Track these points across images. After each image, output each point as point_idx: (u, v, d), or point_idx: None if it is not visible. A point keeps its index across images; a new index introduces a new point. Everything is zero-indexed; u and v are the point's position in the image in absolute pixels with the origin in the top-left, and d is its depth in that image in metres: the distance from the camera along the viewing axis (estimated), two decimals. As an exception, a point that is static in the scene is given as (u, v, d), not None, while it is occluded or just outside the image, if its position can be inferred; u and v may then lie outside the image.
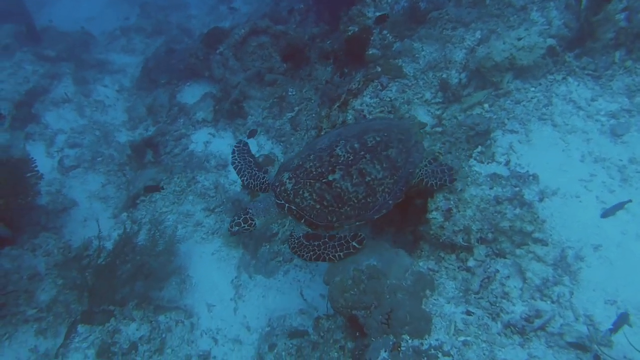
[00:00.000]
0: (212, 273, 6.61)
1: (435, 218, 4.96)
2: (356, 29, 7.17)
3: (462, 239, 4.81)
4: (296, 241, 4.46)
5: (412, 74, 6.16)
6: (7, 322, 5.81)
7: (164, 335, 5.76)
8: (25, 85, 10.03)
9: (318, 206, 4.29)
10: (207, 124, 8.65)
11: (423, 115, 5.80)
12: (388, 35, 6.82)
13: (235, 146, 5.07)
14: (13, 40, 10.96)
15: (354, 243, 4.39)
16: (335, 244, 4.41)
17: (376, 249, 5.46)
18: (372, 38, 6.93)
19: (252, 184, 4.81)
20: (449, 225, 4.87)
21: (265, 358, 5.66)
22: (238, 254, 6.79)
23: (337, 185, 4.23)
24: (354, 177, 4.25)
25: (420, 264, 5.34)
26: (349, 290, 5.09)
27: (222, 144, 8.35)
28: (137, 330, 5.69)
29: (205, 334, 6.06)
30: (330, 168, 4.25)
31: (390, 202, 4.43)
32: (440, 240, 5.00)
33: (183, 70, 9.53)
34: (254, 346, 5.95)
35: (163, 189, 7.23)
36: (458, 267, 4.92)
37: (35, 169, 7.15)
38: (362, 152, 4.31)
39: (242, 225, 4.50)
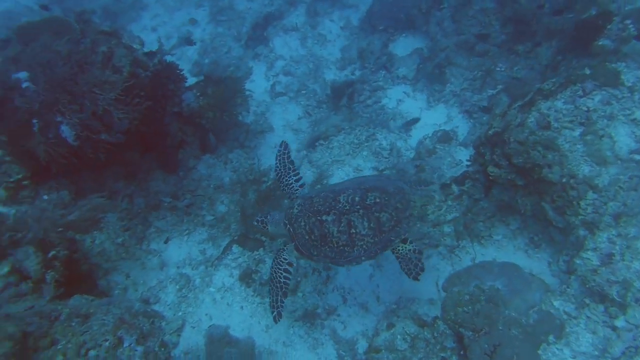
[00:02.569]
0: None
1: (589, 259, 4.37)
2: (593, 12, 6.12)
3: (617, 293, 4.18)
4: (277, 259, 5.11)
5: (629, 85, 5.10)
6: (191, 220, 6.89)
7: (299, 279, 6.21)
8: (269, 7, 11.18)
9: (307, 237, 4.84)
10: (406, 81, 8.57)
11: (624, 136, 4.88)
12: (630, 26, 5.67)
13: (278, 151, 5.52)
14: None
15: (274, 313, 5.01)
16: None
17: (508, 271, 5.08)
18: (608, 26, 5.85)
19: (286, 192, 5.40)
20: (605, 272, 4.26)
21: (381, 334, 5.75)
22: (392, 221, 6.88)
23: (326, 226, 4.71)
24: (342, 224, 4.69)
25: (556, 303, 4.81)
26: (463, 305, 4.91)
27: (414, 106, 8.24)
28: None
29: (337, 290, 6.29)
30: (327, 209, 4.72)
31: (363, 258, 4.79)
32: (587, 286, 4.40)
33: (403, 20, 9.41)
34: (377, 318, 6.00)
35: None
36: (603, 322, 4.33)
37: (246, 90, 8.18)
38: (358, 207, 4.68)
39: (258, 224, 5.32)
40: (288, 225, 4.97)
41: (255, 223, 5.35)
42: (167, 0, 12.58)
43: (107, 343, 3.69)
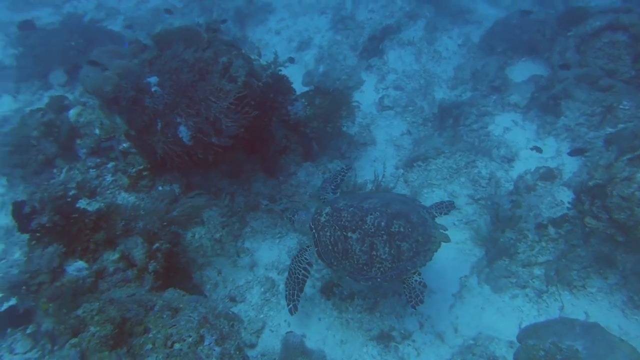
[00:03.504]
0: (446, 261, 6.71)
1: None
2: None
3: None
4: (299, 257, 5.67)
5: None
6: (284, 224, 7.13)
7: (378, 299, 6.24)
8: (389, 19, 11.23)
9: (330, 247, 5.31)
10: (516, 109, 8.21)
11: None
12: None
13: (342, 169, 6.36)
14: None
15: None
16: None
17: (591, 332, 4.76)
18: None
19: (319, 194, 6.10)
20: None
21: (456, 370, 5.68)
22: (479, 254, 6.69)
23: (350, 243, 5.14)
24: (365, 245, 5.10)
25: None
26: (537, 362, 4.68)
27: (521, 136, 7.87)
28: None
29: (415, 315, 6.23)
30: (354, 227, 5.13)
31: (379, 280, 5.21)
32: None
33: (524, 44, 8.99)
34: (452, 351, 5.91)
35: None
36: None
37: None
38: (383, 232, 5.06)
39: (287, 219, 5.94)
40: (314, 231, 5.46)
41: (285, 218, 6.05)
42: (293, 5, 13.12)
43: (190, 339, 4.02)
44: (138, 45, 6.95)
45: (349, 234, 5.14)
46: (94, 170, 7.15)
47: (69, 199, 4.74)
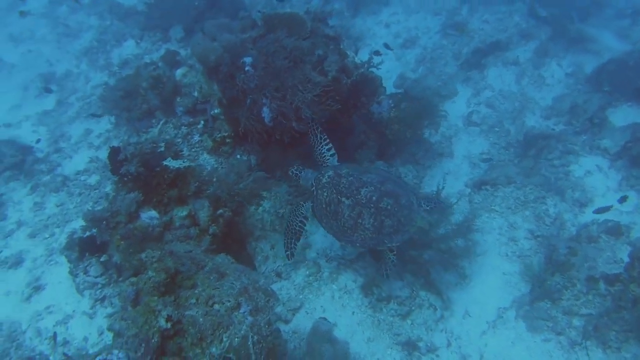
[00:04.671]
0: (490, 288, 6.74)
1: None
2: None
3: None
4: (296, 210, 6.26)
5: None
6: None
7: (413, 308, 6.46)
8: (501, 34, 10.97)
9: (324, 206, 5.95)
10: (605, 154, 7.84)
11: None
12: None
13: (310, 126, 6.44)
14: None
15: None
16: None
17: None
18: None
19: (319, 160, 6.46)
20: None
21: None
22: (524, 290, 6.63)
23: (342, 207, 5.79)
24: (354, 212, 5.73)
25: None
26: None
27: (601, 183, 7.55)
28: (400, 289, 6.57)
29: (446, 332, 6.37)
30: (348, 195, 5.76)
31: (358, 244, 5.92)
32: None
33: (634, 89, 8.47)
34: None
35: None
36: None
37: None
38: (372, 205, 5.67)
39: (292, 173, 6.45)
40: (314, 188, 6.12)
41: (290, 172, 6.49)
42: (409, 1, 13.13)
43: (228, 304, 4.48)
44: (248, 21, 7.44)
45: (343, 199, 5.80)
46: (185, 127, 7.86)
47: (155, 155, 5.36)
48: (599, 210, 6.97)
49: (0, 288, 7.07)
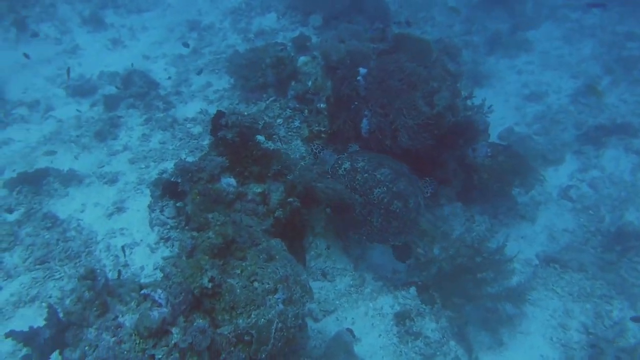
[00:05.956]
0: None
1: None
2: None
3: None
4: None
5: None
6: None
7: (438, 353, 6.40)
8: (635, 118, 10.39)
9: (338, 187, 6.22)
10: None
11: None
12: None
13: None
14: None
15: None
16: None
17: None
18: None
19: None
20: None
21: None
22: None
23: (354, 203, 6.36)
24: (365, 209, 6.39)
25: None
26: None
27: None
28: (432, 330, 6.55)
29: None
30: (361, 193, 6.37)
31: (364, 238, 6.60)
32: None
33: None
34: None
35: None
36: None
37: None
38: (382, 207, 6.28)
39: (312, 151, 7.18)
40: (329, 176, 6.54)
41: (310, 149, 7.21)
42: (550, 56, 12.75)
43: (267, 286, 4.78)
44: (378, 33, 7.70)
45: (356, 197, 6.37)
46: (290, 111, 8.32)
47: (252, 130, 5.81)
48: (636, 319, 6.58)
49: (93, 197, 7.99)
